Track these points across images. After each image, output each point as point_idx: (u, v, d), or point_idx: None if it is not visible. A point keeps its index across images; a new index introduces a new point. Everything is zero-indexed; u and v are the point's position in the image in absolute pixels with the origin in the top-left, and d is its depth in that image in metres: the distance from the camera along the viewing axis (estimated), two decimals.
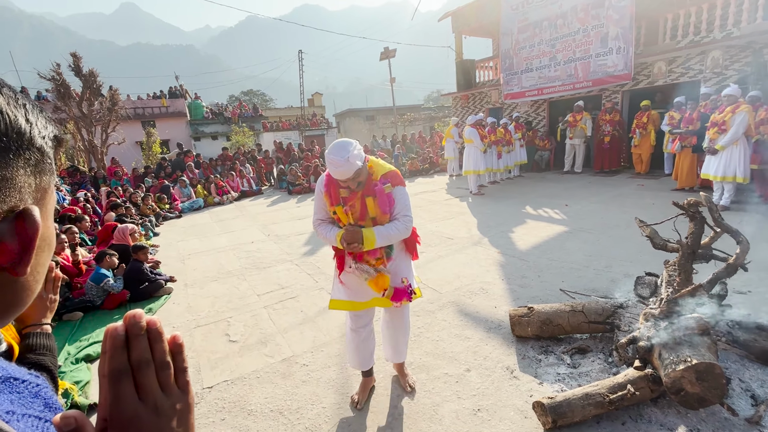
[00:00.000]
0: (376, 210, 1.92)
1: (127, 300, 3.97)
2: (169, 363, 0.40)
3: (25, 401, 0.42)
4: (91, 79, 12.03)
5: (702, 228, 2.32)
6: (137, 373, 0.38)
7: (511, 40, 11.43)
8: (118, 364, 0.37)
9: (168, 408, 0.39)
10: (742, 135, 5.23)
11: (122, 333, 0.38)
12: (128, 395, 0.37)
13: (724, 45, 7.66)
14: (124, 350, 0.37)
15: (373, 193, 1.92)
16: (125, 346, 0.38)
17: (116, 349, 0.37)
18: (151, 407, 0.38)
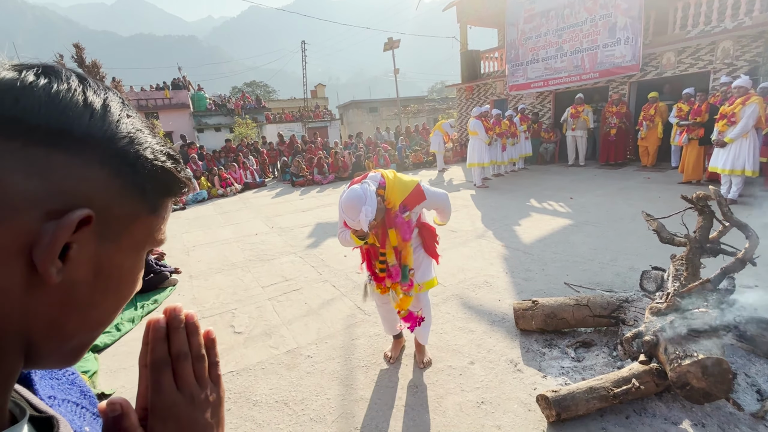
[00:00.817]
0: (398, 240, 2.09)
1: None
2: (204, 356, 0.41)
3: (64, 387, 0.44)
4: (94, 70, 12.01)
5: (711, 222, 2.29)
6: (176, 364, 0.39)
7: (517, 31, 11.26)
8: (159, 354, 0.38)
9: (203, 399, 0.40)
10: (751, 127, 5.15)
11: (164, 325, 0.39)
12: (168, 385, 0.38)
13: (735, 35, 7.51)
14: (164, 342, 0.39)
15: (395, 225, 2.06)
16: (166, 337, 0.39)
17: (158, 341, 0.39)
18: (188, 398, 0.39)
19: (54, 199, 0.30)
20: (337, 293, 3.61)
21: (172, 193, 0.39)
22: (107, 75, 12.88)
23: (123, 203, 0.34)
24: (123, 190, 0.34)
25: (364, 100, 33.04)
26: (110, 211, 0.33)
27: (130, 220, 0.35)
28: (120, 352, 2.96)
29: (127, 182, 0.34)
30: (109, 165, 0.33)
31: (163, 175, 0.36)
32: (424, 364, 2.43)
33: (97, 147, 0.32)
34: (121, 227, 0.35)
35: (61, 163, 0.30)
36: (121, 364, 2.79)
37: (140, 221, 0.36)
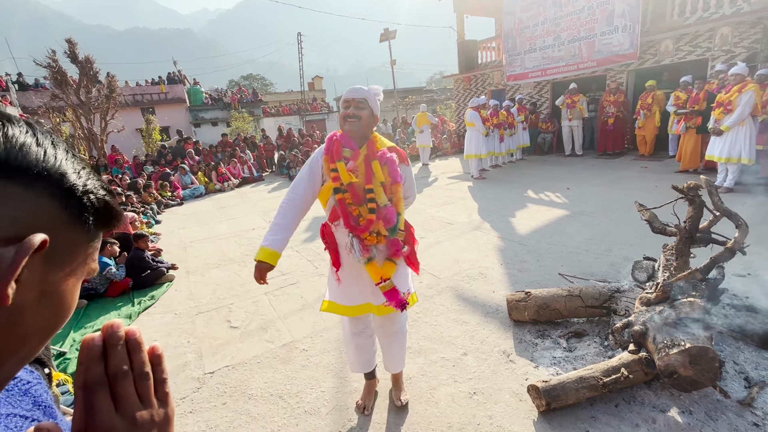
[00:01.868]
0: (385, 176, 1.75)
1: (129, 287, 4.02)
2: (149, 374, 0.40)
3: (13, 400, 0.43)
4: (88, 66, 11.89)
5: (701, 212, 2.29)
6: (114, 385, 0.37)
7: (515, 20, 11.13)
8: (93, 374, 0.36)
9: (147, 420, 0.38)
10: (748, 115, 5.12)
11: (99, 343, 0.37)
12: (104, 407, 0.36)
13: (733, 21, 7.42)
14: (101, 361, 0.37)
15: (381, 160, 1.75)
16: (102, 356, 0.37)
17: (92, 360, 0.37)
18: (129, 420, 0.37)
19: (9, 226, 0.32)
20: None
21: (109, 225, 0.42)
22: (101, 70, 12.75)
23: (69, 233, 0.36)
24: (70, 221, 0.36)
25: None
26: (58, 240, 0.35)
27: (74, 249, 0.37)
28: None
29: (73, 213, 0.37)
30: (59, 198, 0.35)
31: (104, 208, 0.40)
32: (401, 402, 2.08)
33: (49, 181, 0.35)
34: (66, 255, 0.37)
35: (17, 195, 0.33)
36: None
37: (81, 249, 0.38)
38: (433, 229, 5.01)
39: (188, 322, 3.28)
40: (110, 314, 3.51)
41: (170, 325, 3.27)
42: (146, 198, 8.03)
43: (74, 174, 0.37)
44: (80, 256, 0.38)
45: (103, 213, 0.40)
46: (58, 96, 11.77)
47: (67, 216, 0.36)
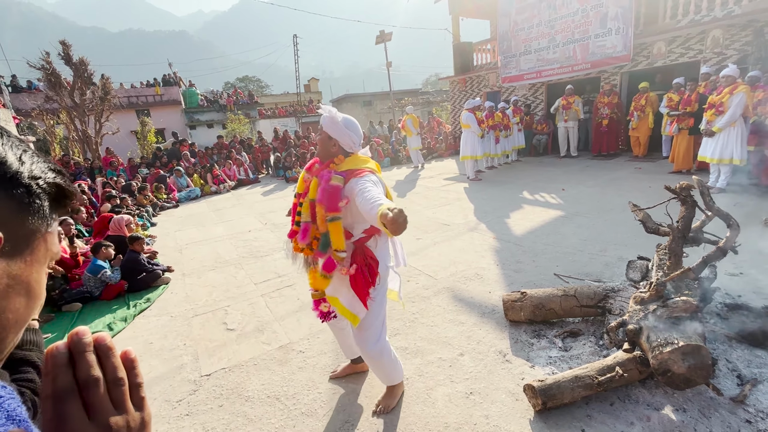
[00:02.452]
0: (314, 194, 1.75)
1: (125, 290, 4.00)
2: (123, 379, 0.39)
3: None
4: (82, 68, 11.83)
5: (693, 212, 2.32)
6: (85, 392, 0.36)
7: (509, 22, 11.21)
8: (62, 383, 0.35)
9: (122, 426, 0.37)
10: (739, 116, 5.18)
11: (64, 351, 0.36)
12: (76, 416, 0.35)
13: (724, 24, 7.52)
14: (68, 369, 0.36)
15: (320, 179, 1.75)
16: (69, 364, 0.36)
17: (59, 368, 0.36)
18: (103, 427, 0.36)
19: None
20: None
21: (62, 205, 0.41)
22: (96, 72, 12.69)
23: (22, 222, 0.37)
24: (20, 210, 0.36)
25: (357, 94, 32.85)
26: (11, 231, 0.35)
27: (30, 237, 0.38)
28: None
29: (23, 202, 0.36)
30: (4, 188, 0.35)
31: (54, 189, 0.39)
32: (377, 408, 2.06)
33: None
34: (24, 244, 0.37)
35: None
36: None
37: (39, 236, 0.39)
38: (430, 231, 5.03)
39: (184, 324, 3.27)
40: (105, 317, 3.48)
41: (166, 327, 3.26)
42: (141, 200, 8.00)
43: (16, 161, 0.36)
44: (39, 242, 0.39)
45: (55, 196, 0.40)
46: (51, 98, 11.69)
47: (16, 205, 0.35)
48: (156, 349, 2.92)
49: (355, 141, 1.84)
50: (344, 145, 1.83)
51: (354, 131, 1.83)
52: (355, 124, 1.86)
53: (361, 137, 1.88)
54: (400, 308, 3.11)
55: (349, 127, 1.82)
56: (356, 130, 1.85)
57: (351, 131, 1.82)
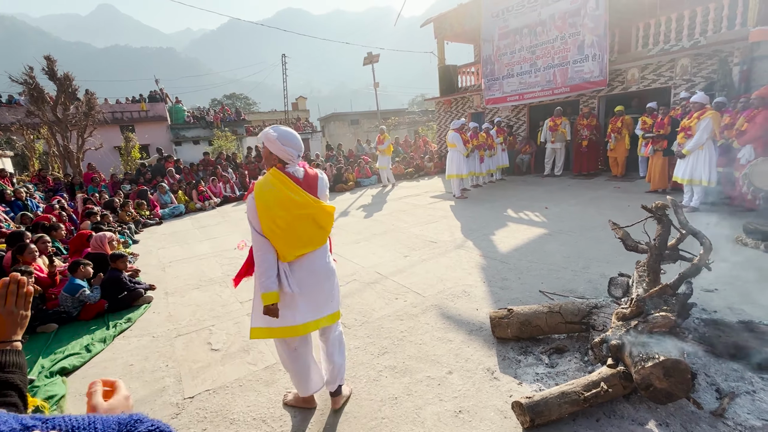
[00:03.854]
0: None
1: (105, 310, 3.87)
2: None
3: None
4: (67, 83, 11.71)
5: (669, 230, 2.43)
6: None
7: (492, 47, 11.67)
8: None
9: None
10: (706, 140, 5.47)
11: None
12: None
13: (692, 53, 8.02)
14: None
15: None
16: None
17: None
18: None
19: None
20: None
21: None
22: (80, 87, 12.56)
23: None
24: None
25: (345, 113, 33.28)
26: None
27: None
28: (90, 374, 2.86)
29: None
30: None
31: None
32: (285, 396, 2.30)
33: None
34: None
35: None
36: None
37: None
38: (417, 248, 5.07)
39: (167, 345, 3.18)
40: (83, 338, 3.35)
41: (147, 348, 3.16)
42: (123, 217, 7.82)
43: None
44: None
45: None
46: (33, 113, 11.48)
47: None
48: (136, 371, 2.83)
49: (293, 153, 1.99)
50: (282, 158, 1.99)
51: (290, 145, 1.98)
52: (292, 138, 1.99)
53: (298, 149, 2.01)
54: (389, 326, 3.10)
55: (285, 142, 1.97)
56: (293, 143, 1.99)
57: (287, 145, 1.97)
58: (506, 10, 11.09)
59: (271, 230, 1.92)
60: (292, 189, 1.95)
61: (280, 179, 1.95)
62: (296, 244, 1.97)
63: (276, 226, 1.91)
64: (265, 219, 1.90)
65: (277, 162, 2.01)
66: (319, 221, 2.01)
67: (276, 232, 1.92)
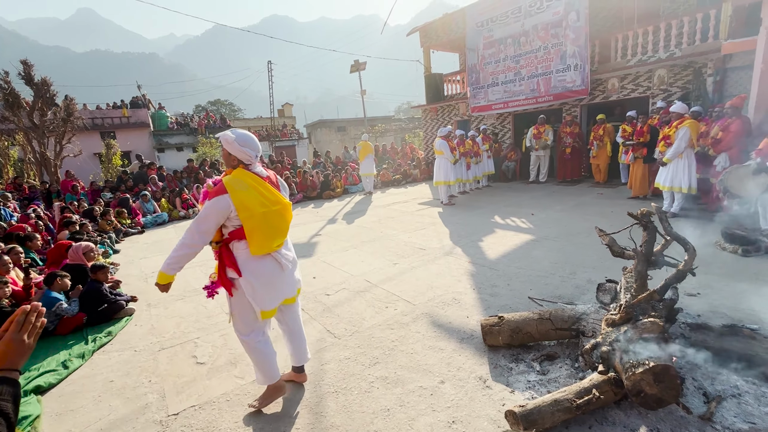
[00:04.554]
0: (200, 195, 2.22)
1: (84, 323, 3.72)
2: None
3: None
4: (44, 88, 11.38)
5: (654, 236, 2.48)
6: None
7: (477, 56, 11.88)
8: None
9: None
10: (684, 148, 5.66)
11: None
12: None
13: (668, 64, 8.32)
14: None
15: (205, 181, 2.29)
16: None
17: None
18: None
19: None
20: (305, 317, 3.53)
21: None
22: (59, 93, 12.22)
23: None
24: None
25: (332, 120, 33.30)
26: None
27: None
28: (67, 392, 2.73)
29: None
30: None
31: None
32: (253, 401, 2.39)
33: None
34: None
35: None
36: (67, 405, 2.56)
37: None
38: (406, 255, 5.06)
39: (149, 359, 3.07)
40: (59, 354, 3.21)
41: (129, 363, 3.04)
42: (103, 226, 7.59)
43: None
44: None
45: None
46: (7, 118, 11.10)
47: None
48: (117, 388, 2.71)
49: (251, 154, 2.12)
50: (241, 159, 2.12)
51: (248, 146, 2.11)
52: (249, 140, 2.12)
53: (256, 150, 2.14)
54: (380, 336, 3.07)
55: (243, 144, 2.09)
56: (250, 144, 2.12)
57: (245, 147, 2.10)
58: (491, 20, 11.33)
59: (253, 226, 2.05)
60: (264, 186, 2.11)
61: (251, 178, 2.09)
62: (275, 236, 2.16)
63: (259, 221, 2.05)
64: (249, 216, 2.02)
65: (237, 163, 2.13)
66: (285, 215, 2.22)
67: (258, 226, 2.06)
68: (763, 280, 3.53)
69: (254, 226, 2.05)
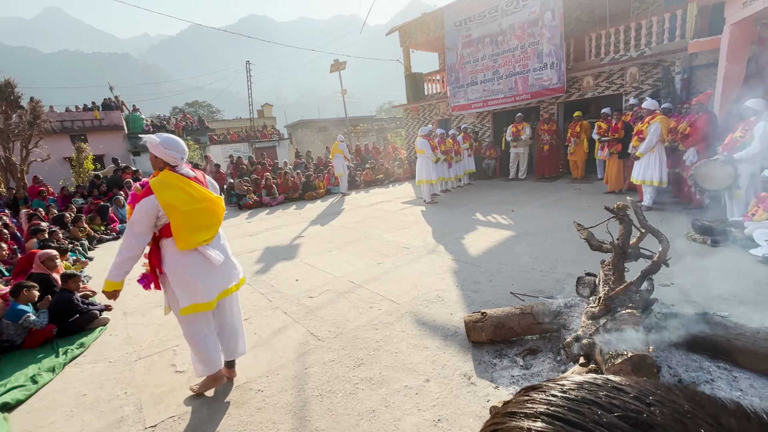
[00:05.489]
0: None
1: (54, 335, 3.56)
2: None
3: None
4: (8, 90, 10.86)
5: (630, 229, 2.54)
6: None
7: (456, 55, 11.98)
8: None
9: None
10: (656, 143, 5.85)
11: None
12: None
13: (639, 62, 8.59)
14: None
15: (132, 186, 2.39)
16: None
17: None
18: None
19: None
20: (288, 320, 3.48)
21: None
22: (24, 94, 11.68)
23: None
24: None
25: (312, 120, 32.99)
26: None
27: None
28: (36, 408, 2.60)
29: None
30: None
31: None
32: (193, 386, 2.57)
33: None
34: None
35: None
36: (37, 422, 2.44)
37: None
38: (390, 254, 5.05)
39: (125, 369, 2.95)
40: (28, 369, 3.05)
41: (103, 375, 2.92)
42: (75, 233, 7.29)
43: None
44: None
45: None
46: None
47: None
48: (90, 402, 2.60)
49: (176, 156, 2.26)
50: (168, 161, 2.26)
51: (173, 149, 2.25)
52: (174, 143, 2.26)
53: (181, 152, 2.28)
54: (364, 336, 3.04)
55: (168, 146, 2.23)
56: (175, 147, 2.26)
57: (169, 149, 2.23)
58: (468, 19, 11.44)
59: (179, 223, 2.19)
60: (190, 185, 2.26)
61: (176, 179, 2.23)
62: (201, 231, 2.29)
63: (183, 218, 2.19)
64: (173, 214, 2.17)
65: (163, 165, 2.27)
66: (216, 210, 2.38)
67: (184, 223, 2.20)
68: (731, 268, 3.68)
69: (180, 223, 2.19)
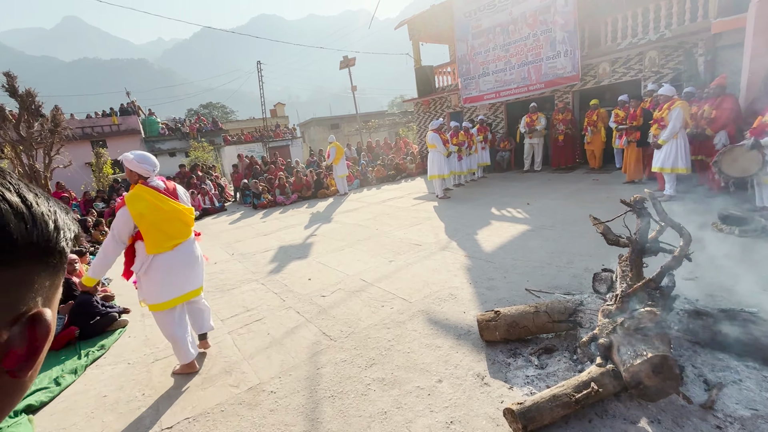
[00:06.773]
0: None
1: (76, 338, 3.67)
2: None
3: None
4: (29, 99, 11.21)
5: (648, 223, 2.43)
6: None
7: (467, 46, 11.76)
8: None
9: None
10: (679, 129, 5.60)
11: None
12: None
13: (659, 45, 8.23)
14: None
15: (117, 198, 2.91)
16: None
17: None
18: None
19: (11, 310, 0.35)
20: (301, 320, 3.49)
21: None
22: (46, 103, 12.04)
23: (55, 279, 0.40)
24: (56, 271, 0.40)
25: (324, 117, 33.09)
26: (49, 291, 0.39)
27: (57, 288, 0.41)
28: (59, 409, 2.68)
29: (58, 264, 0.40)
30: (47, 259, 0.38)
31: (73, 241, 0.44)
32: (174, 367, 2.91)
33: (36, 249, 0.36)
34: (52, 295, 0.40)
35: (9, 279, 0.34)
36: (60, 423, 2.51)
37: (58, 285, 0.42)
38: (402, 252, 5.01)
39: (143, 371, 3.02)
40: (52, 371, 3.16)
41: (122, 376, 2.99)
42: (97, 236, 7.51)
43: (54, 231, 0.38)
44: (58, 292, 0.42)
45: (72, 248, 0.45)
46: None
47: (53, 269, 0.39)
48: (110, 403, 2.66)
49: (149, 169, 2.62)
50: (142, 174, 2.62)
51: (145, 162, 2.62)
52: (146, 158, 2.62)
53: (153, 165, 2.64)
54: (376, 336, 3.02)
55: (141, 161, 2.60)
56: (147, 161, 2.63)
57: (142, 163, 2.60)
58: (478, 9, 11.20)
59: (147, 230, 2.54)
60: (157, 197, 2.58)
61: (146, 191, 2.56)
62: (170, 237, 2.65)
63: (151, 226, 2.54)
64: (141, 223, 2.51)
65: (137, 178, 2.62)
66: (183, 219, 2.73)
67: (151, 231, 2.55)
68: (760, 261, 3.50)
69: (147, 230, 2.54)
